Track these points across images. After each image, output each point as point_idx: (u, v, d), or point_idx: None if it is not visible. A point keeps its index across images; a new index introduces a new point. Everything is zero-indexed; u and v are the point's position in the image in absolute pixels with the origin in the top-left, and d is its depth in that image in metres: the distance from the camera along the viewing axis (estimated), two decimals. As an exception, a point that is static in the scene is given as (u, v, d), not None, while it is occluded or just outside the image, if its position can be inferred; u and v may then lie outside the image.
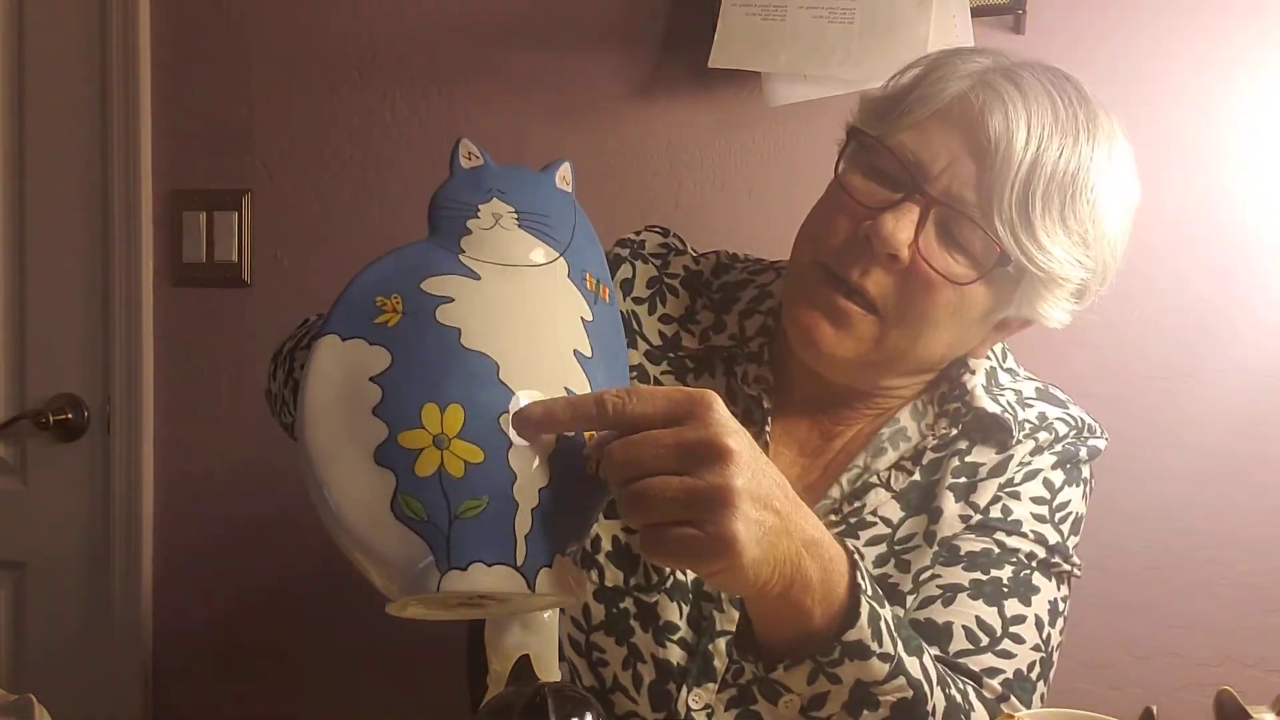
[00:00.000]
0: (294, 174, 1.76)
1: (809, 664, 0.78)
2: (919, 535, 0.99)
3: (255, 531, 1.80)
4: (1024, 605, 0.96)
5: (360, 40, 1.73)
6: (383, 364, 0.69)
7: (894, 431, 1.03)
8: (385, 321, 0.71)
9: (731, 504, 0.67)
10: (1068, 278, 0.95)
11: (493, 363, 0.69)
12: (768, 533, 0.70)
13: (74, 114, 1.82)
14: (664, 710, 0.99)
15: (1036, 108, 0.92)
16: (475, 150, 0.79)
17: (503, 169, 0.79)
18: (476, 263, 0.74)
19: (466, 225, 0.76)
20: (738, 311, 1.08)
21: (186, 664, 1.84)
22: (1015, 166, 0.90)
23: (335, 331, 0.71)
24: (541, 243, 0.76)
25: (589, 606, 1.00)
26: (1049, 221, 0.92)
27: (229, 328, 1.80)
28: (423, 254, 0.75)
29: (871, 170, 0.96)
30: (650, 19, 1.61)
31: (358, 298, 0.72)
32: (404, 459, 0.67)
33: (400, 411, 0.67)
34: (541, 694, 0.64)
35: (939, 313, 0.95)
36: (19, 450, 1.88)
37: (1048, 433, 1.03)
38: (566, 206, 0.80)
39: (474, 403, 0.68)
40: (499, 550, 0.66)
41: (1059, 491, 1.02)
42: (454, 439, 0.67)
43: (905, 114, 0.95)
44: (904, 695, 0.81)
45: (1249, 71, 1.45)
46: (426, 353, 0.69)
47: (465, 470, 0.66)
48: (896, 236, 0.91)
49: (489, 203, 0.77)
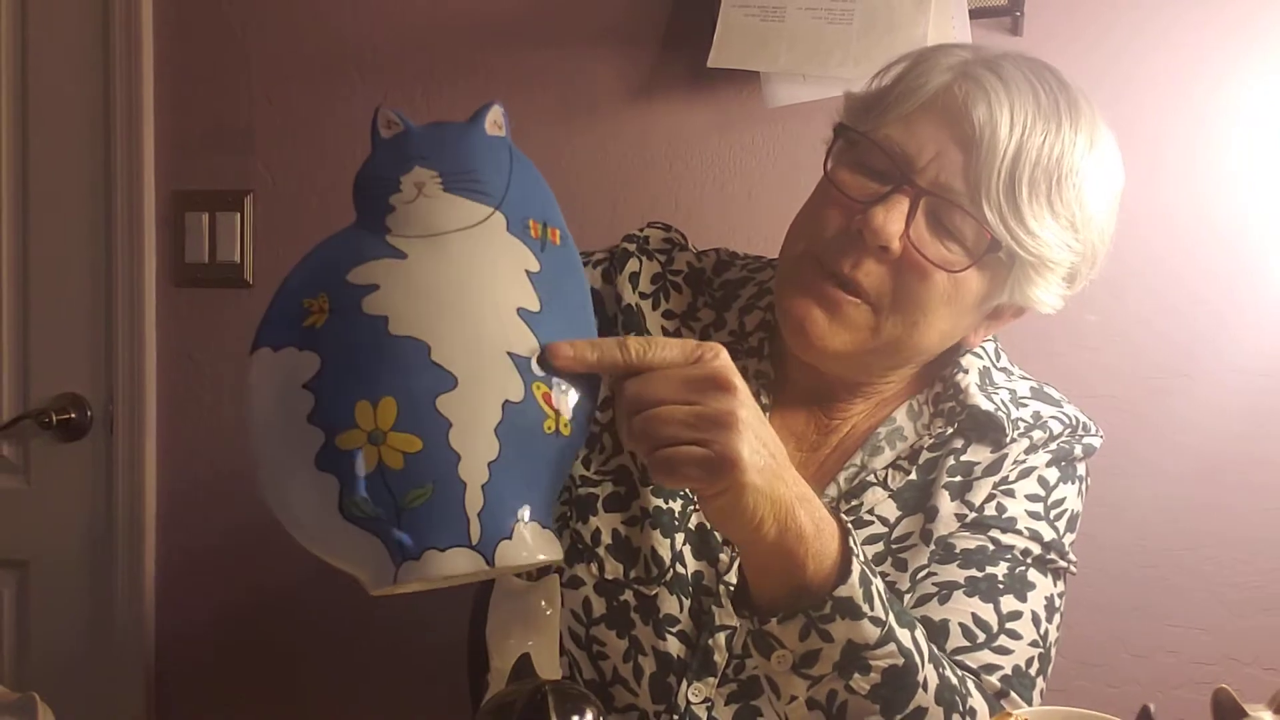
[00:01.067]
0: (296, 174, 1.77)
1: (802, 618, 0.81)
2: (915, 534, 1.00)
3: (258, 531, 1.80)
4: (1020, 601, 0.97)
5: (361, 40, 1.74)
6: (313, 369, 0.68)
7: (890, 431, 1.03)
8: (313, 324, 0.70)
9: (736, 427, 0.73)
10: (1058, 261, 0.97)
11: (424, 345, 0.68)
12: (766, 467, 0.75)
13: (77, 115, 1.82)
14: (664, 703, 0.99)
15: (1019, 96, 0.94)
16: (394, 117, 0.75)
17: (424, 130, 0.75)
18: (402, 240, 0.71)
19: (389, 203, 0.72)
20: (737, 308, 1.09)
21: (189, 663, 1.84)
22: (1001, 153, 0.92)
23: (267, 344, 0.71)
24: (471, 201, 0.73)
25: (589, 599, 1.01)
26: (1036, 206, 0.93)
27: (231, 328, 1.80)
28: (346, 243, 0.72)
29: (860, 165, 0.98)
30: (650, 19, 1.61)
31: (285, 304, 0.71)
32: (343, 461, 0.67)
33: (334, 414, 0.67)
34: (542, 692, 0.64)
35: (933, 300, 0.96)
36: (22, 450, 1.88)
37: (1042, 431, 1.03)
38: (499, 155, 0.76)
39: (407, 391, 0.67)
40: (452, 534, 0.67)
41: (1054, 489, 1.03)
42: (389, 432, 0.67)
43: (890, 109, 0.97)
44: (895, 662, 0.82)
45: (1246, 73, 1.46)
46: (355, 348, 0.68)
47: (405, 461, 0.67)
48: (887, 229, 0.93)
49: (410, 173, 0.73)
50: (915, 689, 0.84)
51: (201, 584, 1.83)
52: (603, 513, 1.02)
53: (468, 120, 0.76)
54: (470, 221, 0.72)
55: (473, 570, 0.67)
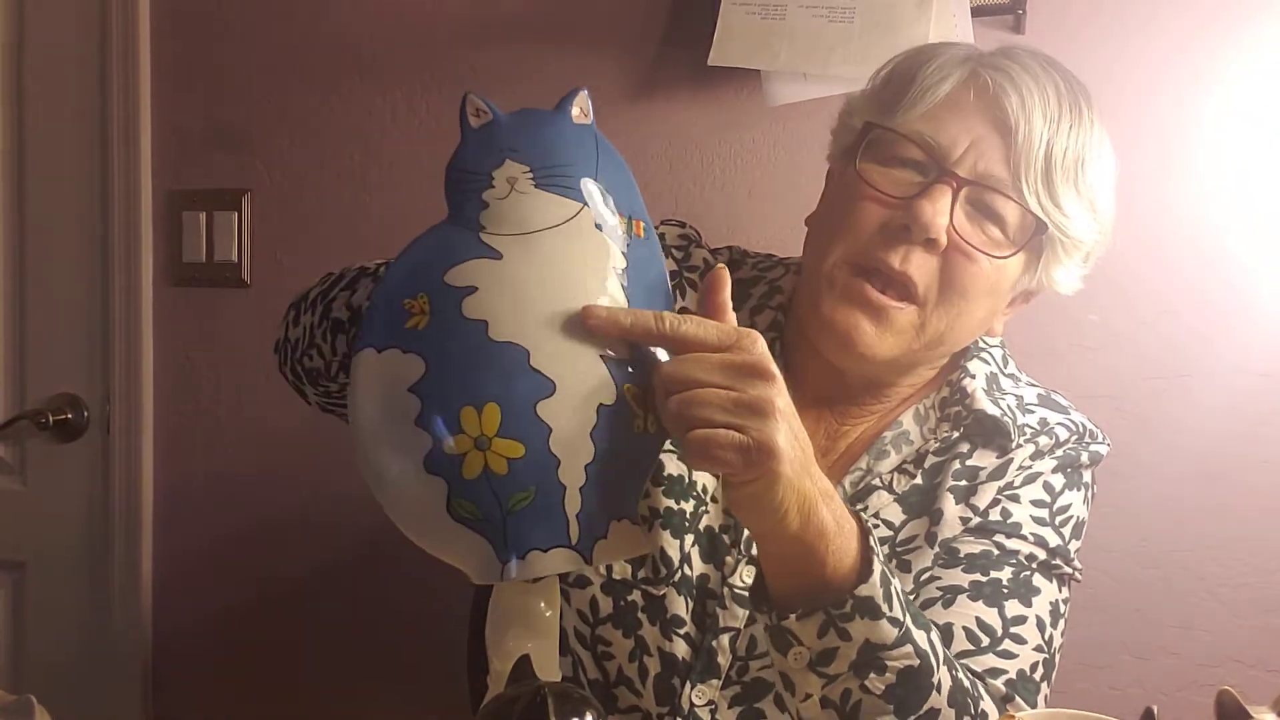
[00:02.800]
0: (294, 174, 1.76)
1: (821, 615, 0.80)
2: (920, 537, 1.00)
3: (254, 531, 1.80)
4: (1024, 606, 0.97)
5: (360, 40, 1.73)
6: (418, 372, 0.70)
7: (897, 435, 1.04)
8: (415, 325, 0.71)
9: (775, 416, 0.72)
10: (1084, 240, 1.00)
11: (523, 351, 0.69)
12: (797, 459, 0.74)
13: (74, 114, 1.82)
14: (668, 705, 0.99)
15: (1046, 85, 0.98)
16: (483, 104, 0.75)
17: (512, 120, 0.75)
18: (497, 239, 0.72)
19: (483, 199, 0.72)
20: (749, 308, 1.09)
21: (186, 664, 1.84)
22: (1038, 139, 0.95)
23: (371, 345, 0.72)
24: (561, 197, 0.73)
25: (596, 599, 1.01)
26: (1067, 189, 0.97)
27: (229, 328, 1.80)
28: (443, 241, 0.73)
29: (892, 160, 0.98)
30: (650, 18, 1.61)
31: (387, 304, 0.72)
32: (451, 465, 0.69)
33: (441, 419, 0.69)
34: (542, 694, 0.64)
35: (978, 289, 0.97)
36: (19, 450, 1.88)
37: (1048, 437, 1.03)
38: (586, 144, 0.75)
39: (509, 397, 0.69)
40: (553, 535, 0.69)
41: (1059, 495, 1.03)
42: (494, 438, 0.68)
43: (913, 105, 0.98)
44: (910, 664, 0.82)
45: (1248, 72, 1.45)
46: (457, 353, 0.70)
47: (509, 467, 0.69)
48: (936, 220, 0.94)
49: (501, 166, 0.73)
50: (930, 690, 0.83)
51: (198, 584, 1.83)
52: None
53: (554, 109, 0.76)
54: (561, 219, 0.72)
55: (572, 567, 0.71)
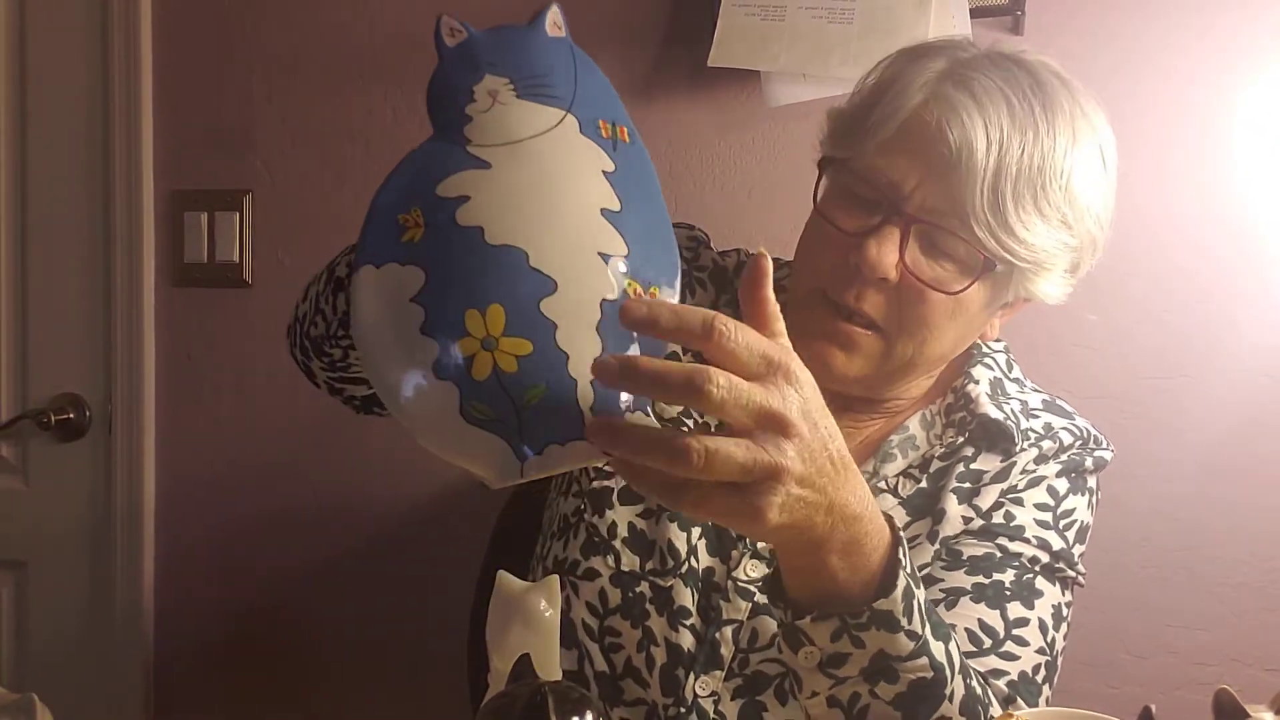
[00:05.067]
0: (295, 174, 1.77)
1: (836, 621, 0.79)
2: (922, 536, 1.00)
3: (256, 530, 1.80)
4: (1027, 608, 0.97)
5: (360, 40, 1.74)
6: (419, 282, 0.70)
7: (903, 439, 1.04)
8: (411, 238, 0.71)
9: (778, 482, 0.69)
10: (1055, 260, 0.98)
11: (521, 252, 0.70)
12: (802, 507, 0.71)
13: (76, 114, 1.82)
14: (673, 696, 1.00)
15: (992, 110, 0.93)
16: (457, 24, 0.75)
17: (488, 36, 0.76)
18: (484, 149, 0.72)
19: (466, 112, 0.73)
20: None
21: (188, 662, 1.84)
22: (980, 172, 0.92)
23: (368, 261, 0.72)
24: (545, 106, 0.74)
25: (605, 590, 1.02)
26: (1024, 215, 0.94)
27: (230, 328, 1.80)
28: (430, 156, 0.74)
29: (848, 195, 0.99)
30: (650, 18, 1.61)
31: (380, 221, 0.73)
32: (460, 368, 0.69)
33: (446, 325, 0.69)
34: (542, 693, 0.64)
35: (938, 318, 0.97)
36: (21, 450, 1.88)
37: (1052, 441, 1.03)
38: (563, 56, 0.77)
39: (512, 297, 0.69)
40: (569, 428, 0.69)
41: (1063, 499, 1.03)
42: (500, 338, 0.69)
43: (870, 135, 0.97)
44: (924, 675, 0.81)
45: (1250, 72, 1.46)
46: (456, 260, 0.70)
47: (519, 364, 0.69)
48: (882, 261, 0.94)
49: (482, 81, 0.74)
50: (941, 701, 0.83)
51: (200, 583, 1.83)
52: (619, 505, 1.03)
53: (528, 23, 0.77)
54: (546, 126, 0.73)
55: (590, 460, 0.71)
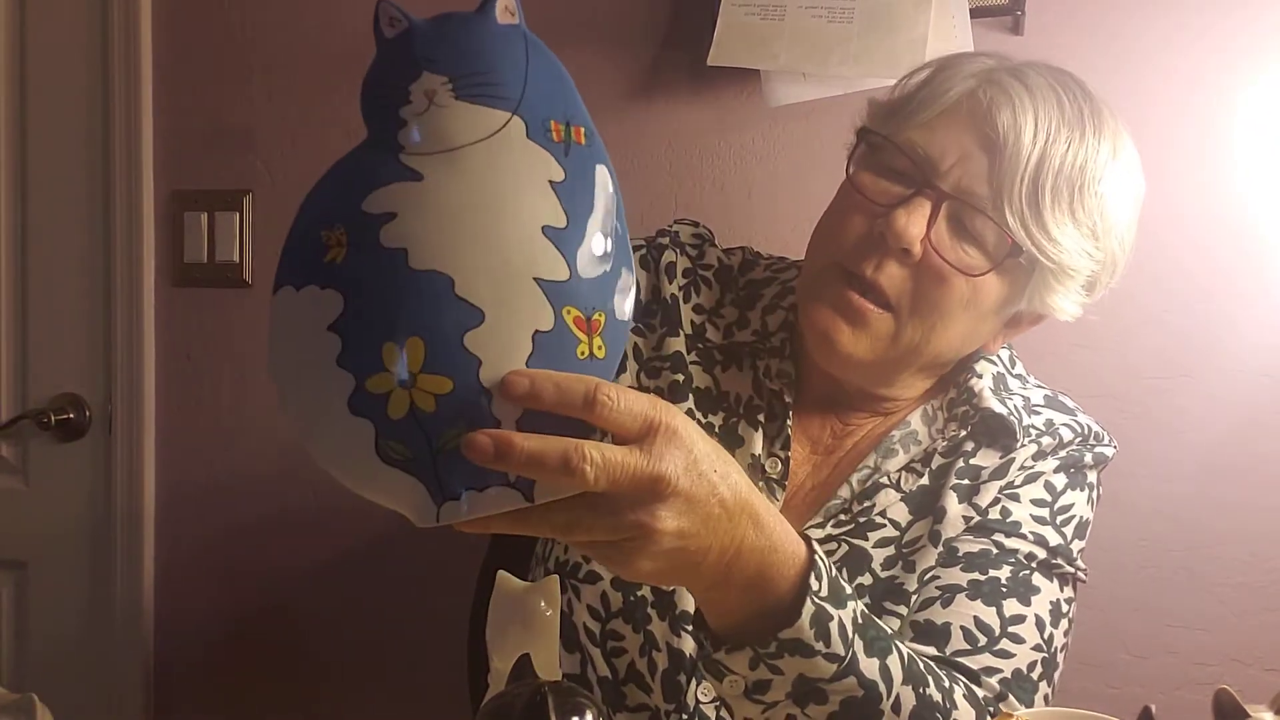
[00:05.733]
0: (295, 174, 1.76)
1: (749, 651, 0.80)
2: (925, 537, 1.00)
3: (256, 530, 1.80)
4: (1023, 605, 0.97)
5: (360, 40, 1.72)
6: (336, 309, 0.65)
7: (905, 434, 1.04)
8: (333, 259, 0.65)
9: (647, 541, 0.70)
10: (1078, 269, 0.98)
11: (447, 279, 0.64)
12: (681, 555, 0.72)
13: (76, 114, 1.82)
14: (675, 701, 0.99)
15: (1043, 103, 0.95)
16: (397, 12, 0.69)
17: (429, 27, 0.68)
18: (417, 159, 0.66)
19: (400, 115, 0.66)
20: (760, 308, 1.10)
21: (188, 662, 1.84)
22: (1024, 160, 0.93)
23: (288, 283, 0.67)
24: (486, 107, 0.66)
25: (607, 594, 1.01)
26: (1059, 214, 0.94)
27: (230, 328, 1.80)
28: (359, 165, 0.68)
29: (882, 168, 0.98)
30: (650, 18, 1.61)
31: (304, 237, 0.67)
32: (376, 405, 0.64)
33: (362, 357, 0.64)
34: (542, 693, 0.64)
35: (952, 305, 0.96)
36: (21, 450, 1.88)
37: (1052, 438, 1.03)
38: (513, 48, 0.68)
39: (434, 330, 0.64)
40: (489, 473, 0.65)
41: (1061, 495, 1.03)
42: (419, 374, 0.64)
43: (914, 114, 0.97)
44: (853, 695, 0.82)
45: (1251, 72, 1.45)
46: (376, 286, 0.64)
47: (437, 404, 0.64)
48: (909, 231, 0.93)
49: (418, 80, 0.66)
50: (879, 716, 0.83)
51: (200, 584, 1.83)
52: None
53: (476, 9, 0.68)
54: (486, 131, 0.66)
55: (511, 506, 0.66)
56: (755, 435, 1.04)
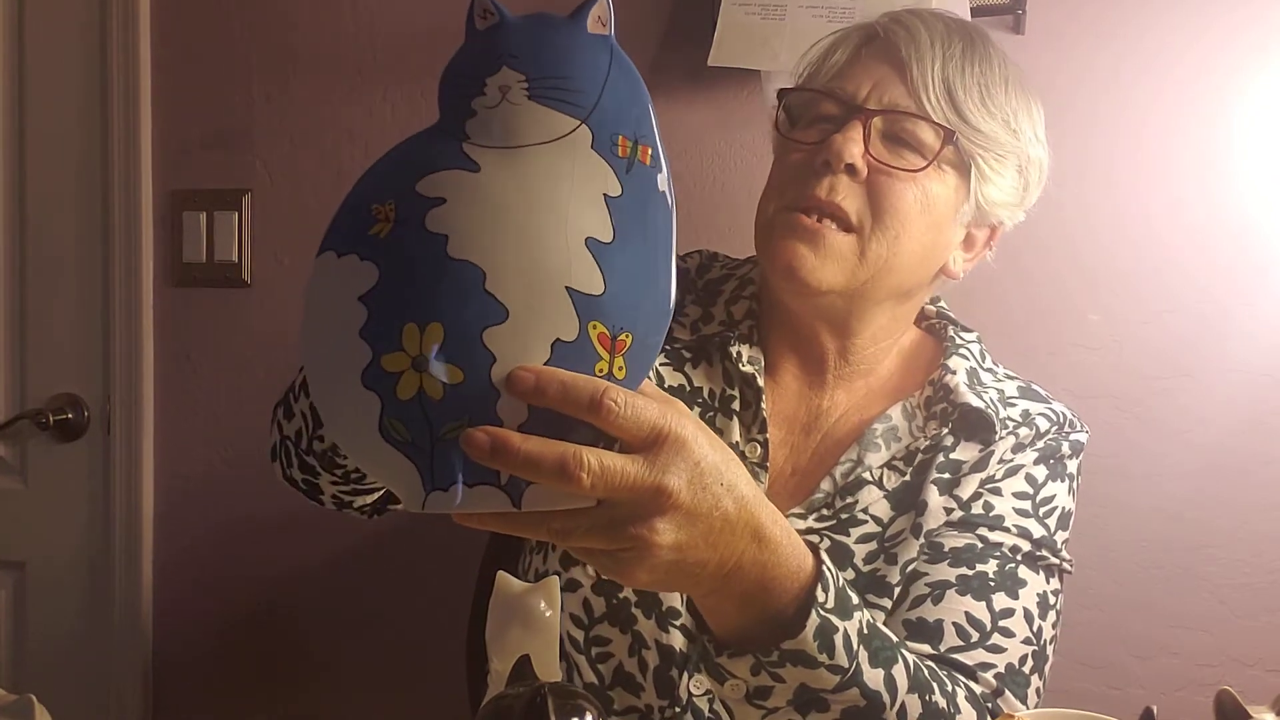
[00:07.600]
0: (294, 174, 1.76)
1: (751, 658, 0.80)
2: (907, 530, 1.01)
3: (255, 531, 1.80)
4: (1011, 598, 0.98)
5: (360, 40, 1.73)
6: (370, 282, 0.66)
7: (886, 428, 1.05)
8: (378, 232, 0.67)
9: (644, 553, 0.69)
10: (1005, 150, 1.03)
11: (479, 271, 0.65)
12: (679, 567, 0.72)
13: (74, 114, 1.82)
14: (668, 697, 0.99)
15: (933, 27, 1.04)
16: (492, 6, 0.69)
17: (521, 23, 0.69)
18: (478, 149, 0.67)
19: (472, 106, 0.67)
20: (723, 301, 1.13)
21: (186, 663, 1.84)
22: (930, 67, 1.02)
23: (332, 247, 0.69)
24: (556, 112, 0.67)
25: (589, 600, 1.01)
26: (972, 104, 1.02)
27: (229, 327, 1.80)
28: (424, 148, 0.69)
29: (809, 116, 1.06)
30: (650, 18, 1.61)
31: (355, 207, 0.69)
32: (386, 382, 0.65)
33: (382, 333, 0.65)
34: (542, 693, 0.64)
35: (909, 209, 1.01)
36: (19, 450, 1.88)
37: (1029, 429, 1.05)
38: (598, 57, 0.68)
39: (455, 319, 0.65)
40: (480, 470, 0.65)
41: (1042, 486, 1.04)
42: (432, 360, 0.65)
43: (819, 73, 1.07)
44: (856, 704, 0.82)
45: (1252, 72, 1.45)
46: (412, 266, 0.66)
47: (444, 392, 0.65)
48: (849, 148, 0.99)
49: (497, 74, 0.67)
50: None
51: (199, 584, 1.83)
52: None
53: (571, 14, 0.69)
54: (551, 135, 0.67)
55: (497, 508, 0.66)
56: (732, 424, 1.06)
